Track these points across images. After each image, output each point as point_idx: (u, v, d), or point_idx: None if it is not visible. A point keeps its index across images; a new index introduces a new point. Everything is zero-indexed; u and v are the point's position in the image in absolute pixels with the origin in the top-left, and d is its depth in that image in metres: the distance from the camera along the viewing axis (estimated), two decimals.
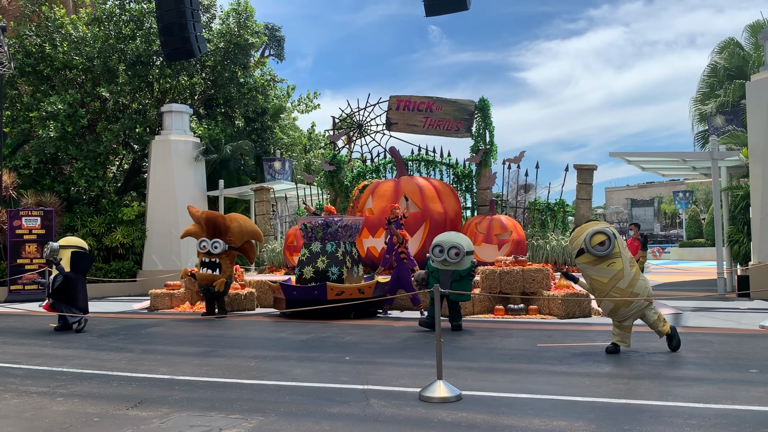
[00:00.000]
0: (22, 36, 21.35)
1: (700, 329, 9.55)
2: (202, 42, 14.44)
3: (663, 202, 71.40)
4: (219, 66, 23.05)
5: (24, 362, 7.72)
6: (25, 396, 5.88)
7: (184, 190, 20.82)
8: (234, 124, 24.41)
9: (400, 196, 15.16)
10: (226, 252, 12.68)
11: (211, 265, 12.67)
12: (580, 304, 11.42)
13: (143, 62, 21.83)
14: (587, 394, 5.55)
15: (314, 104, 30.11)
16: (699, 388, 5.75)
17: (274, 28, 32.25)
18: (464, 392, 5.54)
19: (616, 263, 7.39)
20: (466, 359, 7.40)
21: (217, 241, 12.61)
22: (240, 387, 6.10)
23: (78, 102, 20.83)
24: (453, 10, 12.94)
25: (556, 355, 7.50)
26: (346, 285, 11.94)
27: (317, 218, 12.83)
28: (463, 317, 11.50)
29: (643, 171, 18.99)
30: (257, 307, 14.11)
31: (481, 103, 16.66)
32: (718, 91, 27.37)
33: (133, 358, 7.92)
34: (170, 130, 21.36)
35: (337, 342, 8.97)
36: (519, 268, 12.05)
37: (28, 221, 17.55)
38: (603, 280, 7.45)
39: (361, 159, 18.38)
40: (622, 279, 7.38)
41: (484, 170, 16.48)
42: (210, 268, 12.66)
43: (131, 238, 20.34)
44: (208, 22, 23.62)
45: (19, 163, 20.81)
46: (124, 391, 6.03)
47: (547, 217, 16.02)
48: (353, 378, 6.38)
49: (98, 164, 21.30)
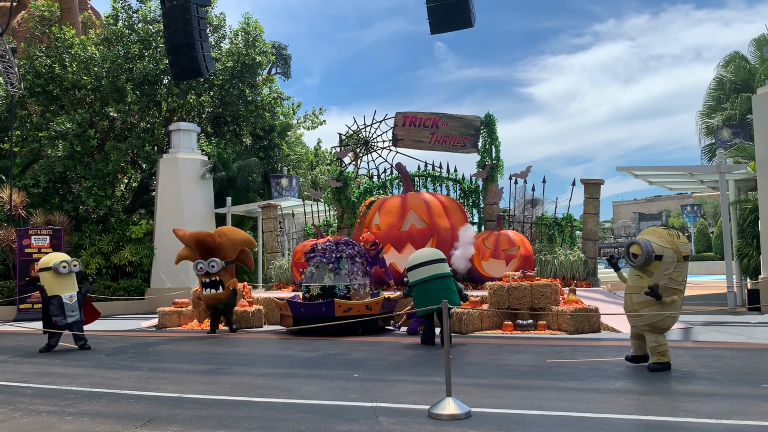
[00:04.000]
0: (32, 57, 21.64)
1: (710, 344, 9.48)
2: (210, 61, 14.55)
3: (671, 216, 71.16)
4: (227, 84, 23.26)
5: (33, 381, 7.73)
6: (34, 415, 5.88)
7: (192, 208, 20.93)
8: (242, 142, 24.57)
9: (407, 212, 15.19)
10: (224, 268, 12.72)
11: (212, 284, 12.72)
12: (589, 319, 11.35)
13: (151, 81, 22.05)
14: (597, 411, 5.50)
15: (320, 120, 30.28)
16: (711, 403, 5.69)
17: (280, 46, 32.55)
18: (473, 409, 5.51)
19: (643, 280, 7.33)
20: (475, 376, 7.36)
21: (213, 261, 12.68)
22: (248, 405, 6.08)
23: (87, 121, 21.03)
24: (458, 27, 12.98)
25: (566, 371, 7.46)
26: (354, 302, 11.92)
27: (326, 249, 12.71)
28: (472, 333, 11.49)
29: (650, 185, 18.96)
30: (265, 324, 14.10)
31: (487, 119, 16.70)
32: (725, 105, 27.40)
33: (141, 376, 7.91)
34: (178, 148, 21.51)
35: (345, 359, 8.95)
36: (527, 283, 12.01)
37: (37, 240, 17.66)
38: (628, 282, 7.66)
39: (368, 175, 18.44)
40: (637, 294, 7.40)
41: (490, 185, 16.49)
42: (212, 287, 12.71)
43: (139, 256, 20.40)
44: (218, 42, 23.88)
45: (29, 182, 20.99)
46: (133, 409, 6.02)
47: (554, 232, 15.98)
48: (362, 395, 6.35)
49: (106, 183, 21.44)
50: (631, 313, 7.45)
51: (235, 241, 13.09)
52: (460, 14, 12.67)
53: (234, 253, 13.03)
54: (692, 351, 8.84)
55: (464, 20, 12.73)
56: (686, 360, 8.02)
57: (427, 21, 12.99)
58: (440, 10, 12.77)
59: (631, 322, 7.59)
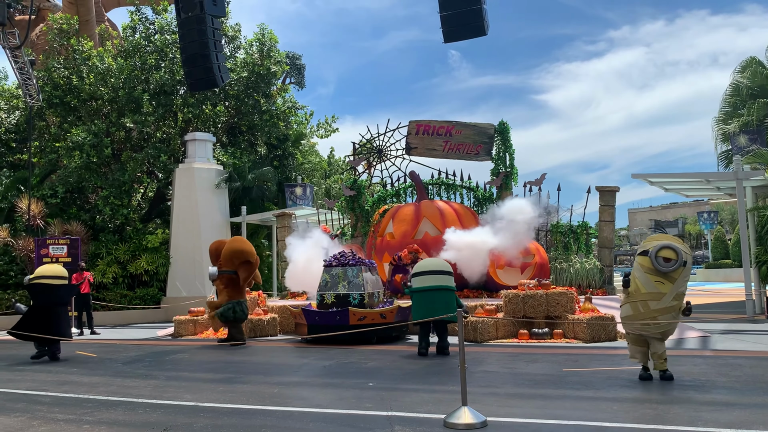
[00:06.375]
0: (51, 69, 21.95)
1: (729, 352, 9.36)
2: (225, 72, 14.68)
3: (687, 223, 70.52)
4: (242, 94, 23.45)
5: (51, 390, 7.80)
6: (53, 423, 5.93)
7: (208, 217, 21.07)
8: (256, 151, 24.72)
9: (421, 220, 15.19)
10: (219, 277, 12.69)
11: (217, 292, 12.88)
12: (605, 327, 11.27)
13: (167, 92, 22.28)
14: (615, 420, 5.46)
15: (333, 128, 30.37)
16: (730, 413, 5.62)
17: (294, 56, 32.74)
18: (489, 418, 5.48)
19: (664, 286, 7.21)
20: (490, 385, 7.32)
21: (210, 268, 12.82)
22: (264, 414, 6.09)
23: (103, 132, 21.27)
24: (471, 36, 12.99)
25: (583, 380, 7.40)
26: (368, 310, 11.92)
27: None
28: (487, 341, 11.44)
29: (666, 192, 18.81)
30: (279, 333, 14.13)
31: (501, 127, 16.69)
32: (741, 111, 27.13)
33: (158, 385, 7.96)
34: (194, 158, 21.69)
35: (360, 368, 8.94)
36: (543, 291, 11.95)
37: (54, 249, 17.83)
38: (642, 289, 7.34)
39: (382, 183, 18.47)
40: (657, 301, 7.22)
41: (504, 193, 16.45)
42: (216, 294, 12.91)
43: (155, 265, 20.55)
44: (233, 52, 24.10)
45: (47, 193, 21.25)
46: (150, 418, 6.06)
47: (570, 240, 15.90)
48: (377, 404, 6.35)
49: (123, 193, 21.64)
50: (648, 321, 7.30)
51: (232, 252, 12.64)
52: (473, 23, 12.68)
53: (230, 265, 12.58)
54: (711, 360, 8.73)
55: (477, 29, 12.74)
56: (705, 369, 7.93)
57: (441, 30, 13.02)
58: (453, 18, 12.79)
59: (644, 330, 7.34)
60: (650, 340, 7.39)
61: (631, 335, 7.56)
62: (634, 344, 7.55)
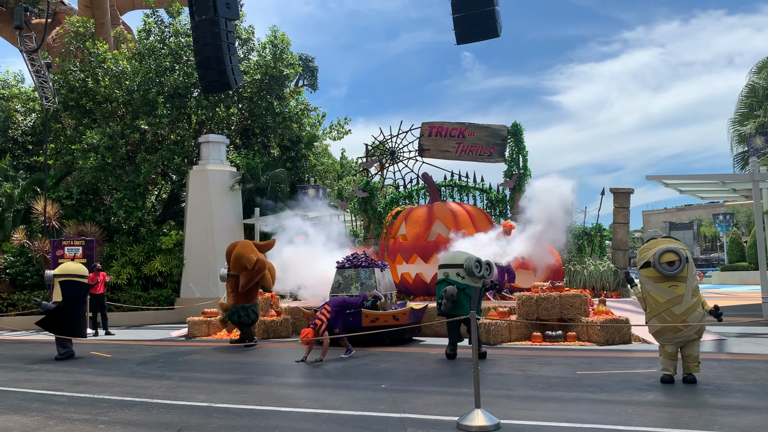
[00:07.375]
0: (66, 71, 22.16)
1: (746, 356, 9.27)
2: (239, 74, 14.73)
3: (702, 225, 69.91)
4: (255, 97, 23.55)
5: (66, 390, 7.87)
6: (68, 423, 5.99)
7: (221, 219, 21.17)
8: (270, 153, 24.81)
9: (434, 222, 15.17)
10: (227, 280, 12.81)
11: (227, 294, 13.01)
12: (619, 330, 11.19)
13: (181, 94, 22.42)
14: (630, 423, 5.42)
15: (345, 130, 30.40)
16: (746, 417, 5.57)
17: (307, 58, 32.84)
18: (503, 421, 5.46)
19: (679, 287, 7.19)
20: (504, 387, 7.30)
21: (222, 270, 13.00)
22: (278, 415, 6.11)
23: (118, 134, 21.44)
24: (484, 37, 12.94)
25: (597, 383, 7.35)
26: (381, 312, 11.91)
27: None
28: (500, 344, 11.40)
29: (681, 194, 18.67)
30: (292, 334, 14.16)
31: (514, 128, 16.64)
32: (757, 112, 26.87)
33: (171, 385, 8.01)
34: (207, 160, 21.80)
35: (372, 369, 8.94)
36: (556, 293, 11.88)
37: (70, 250, 17.99)
38: (660, 299, 7.27)
39: (394, 185, 18.48)
40: (678, 305, 7.17)
41: (518, 195, 16.38)
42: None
43: (169, 267, 20.67)
44: (246, 54, 24.22)
45: (62, 194, 21.44)
46: (164, 418, 6.09)
47: (584, 242, 15.81)
48: (390, 406, 6.35)
49: (137, 194, 21.79)
50: (680, 325, 7.14)
51: (234, 257, 12.62)
52: (486, 24, 12.64)
53: (235, 269, 12.59)
54: (726, 363, 8.65)
55: (490, 30, 12.69)
56: (720, 372, 7.86)
57: (453, 31, 12.99)
58: (466, 20, 12.75)
59: (680, 336, 7.20)
60: (686, 344, 7.28)
61: (667, 349, 7.36)
62: (668, 358, 7.37)
